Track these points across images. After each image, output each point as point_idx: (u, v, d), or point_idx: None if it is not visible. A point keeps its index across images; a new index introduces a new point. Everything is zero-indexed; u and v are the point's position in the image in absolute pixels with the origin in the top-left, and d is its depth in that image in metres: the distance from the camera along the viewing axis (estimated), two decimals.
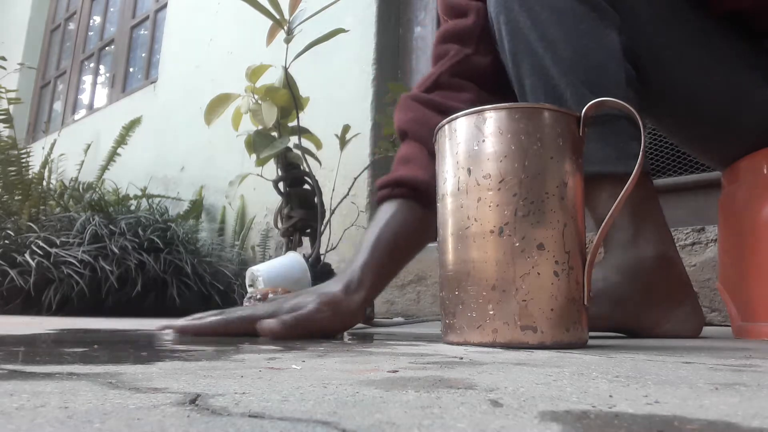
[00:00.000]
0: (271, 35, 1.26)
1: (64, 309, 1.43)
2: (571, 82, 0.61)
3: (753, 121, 0.68)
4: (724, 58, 0.68)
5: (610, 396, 0.23)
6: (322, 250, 1.28)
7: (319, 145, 1.41)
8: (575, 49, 0.62)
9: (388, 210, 0.65)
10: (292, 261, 1.13)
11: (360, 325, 0.95)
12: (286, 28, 1.24)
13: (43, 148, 2.18)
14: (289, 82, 1.26)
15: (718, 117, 0.70)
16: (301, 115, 1.32)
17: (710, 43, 0.68)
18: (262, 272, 1.08)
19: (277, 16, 1.22)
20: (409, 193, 0.65)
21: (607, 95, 0.49)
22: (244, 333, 0.57)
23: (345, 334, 0.73)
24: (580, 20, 0.62)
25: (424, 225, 0.65)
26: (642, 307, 0.62)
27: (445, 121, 0.51)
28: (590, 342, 0.51)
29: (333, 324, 0.57)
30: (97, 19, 3.72)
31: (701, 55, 0.68)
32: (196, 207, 2.15)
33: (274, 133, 1.31)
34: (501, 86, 0.70)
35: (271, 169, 1.38)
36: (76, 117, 3.53)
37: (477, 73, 0.72)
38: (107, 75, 3.41)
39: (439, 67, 0.72)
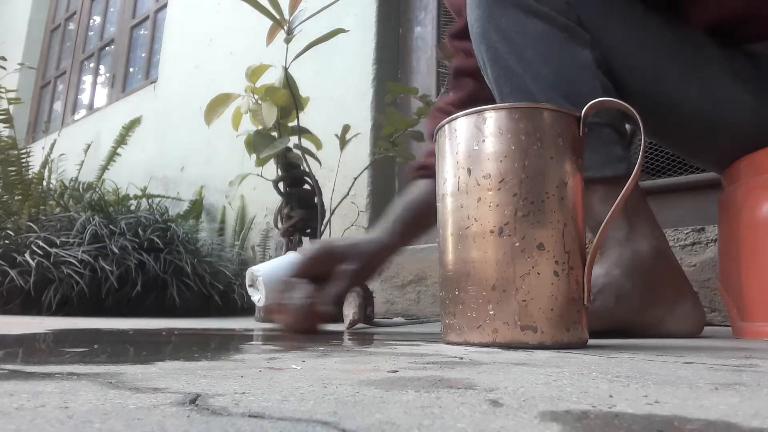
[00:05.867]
0: (271, 35, 1.26)
1: (64, 309, 1.42)
2: (551, 97, 0.65)
3: (737, 127, 0.69)
4: (701, 67, 0.70)
5: (610, 396, 0.23)
6: None
7: (319, 145, 1.41)
8: (551, 67, 0.66)
9: (414, 187, 0.82)
10: (292, 261, 1.13)
11: (360, 324, 0.95)
12: (286, 28, 1.24)
13: (43, 148, 2.18)
14: (289, 82, 1.26)
15: (700, 124, 0.71)
16: (301, 115, 1.32)
17: (686, 53, 0.70)
18: (262, 272, 1.07)
19: (277, 16, 1.22)
20: (432, 174, 0.76)
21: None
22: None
23: (345, 334, 0.73)
24: (552, 41, 0.67)
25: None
26: (645, 302, 0.63)
27: (445, 120, 0.51)
28: (590, 342, 0.51)
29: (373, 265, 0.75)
30: (97, 19, 3.71)
31: (678, 66, 0.69)
32: (196, 207, 2.15)
33: (274, 133, 1.31)
34: None
35: (271, 169, 1.38)
36: (76, 117, 3.53)
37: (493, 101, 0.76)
38: (107, 75, 3.41)
39: (461, 94, 0.84)
